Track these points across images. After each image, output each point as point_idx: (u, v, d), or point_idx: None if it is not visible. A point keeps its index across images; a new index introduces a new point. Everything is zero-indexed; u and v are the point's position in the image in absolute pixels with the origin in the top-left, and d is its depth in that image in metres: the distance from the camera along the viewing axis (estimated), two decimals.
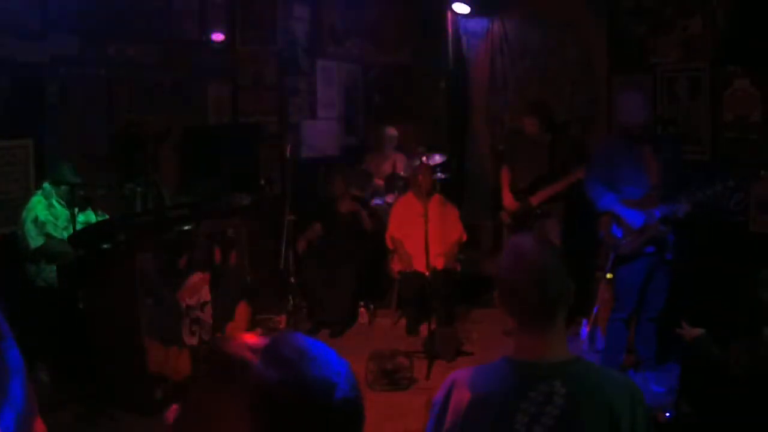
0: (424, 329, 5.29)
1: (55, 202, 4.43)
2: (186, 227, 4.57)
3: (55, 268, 4.34)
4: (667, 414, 3.85)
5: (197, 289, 4.59)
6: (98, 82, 5.20)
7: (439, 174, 5.82)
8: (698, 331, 3.36)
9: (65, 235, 4.36)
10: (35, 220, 4.30)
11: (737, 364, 2.99)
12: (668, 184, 4.24)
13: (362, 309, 5.91)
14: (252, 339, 1.66)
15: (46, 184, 4.44)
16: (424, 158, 5.50)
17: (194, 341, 4.52)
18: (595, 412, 1.57)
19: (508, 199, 5.46)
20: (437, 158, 6.05)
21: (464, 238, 5.88)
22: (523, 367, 1.65)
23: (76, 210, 4.37)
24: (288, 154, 5.28)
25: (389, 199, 6.64)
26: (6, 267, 4.41)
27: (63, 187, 4.39)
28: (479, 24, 7.15)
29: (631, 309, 4.38)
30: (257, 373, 1.26)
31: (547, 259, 1.67)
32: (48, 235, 4.31)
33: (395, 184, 6.73)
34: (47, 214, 4.36)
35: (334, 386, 1.24)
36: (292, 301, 5.34)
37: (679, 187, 4.17)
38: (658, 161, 4.25)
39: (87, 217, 4.65)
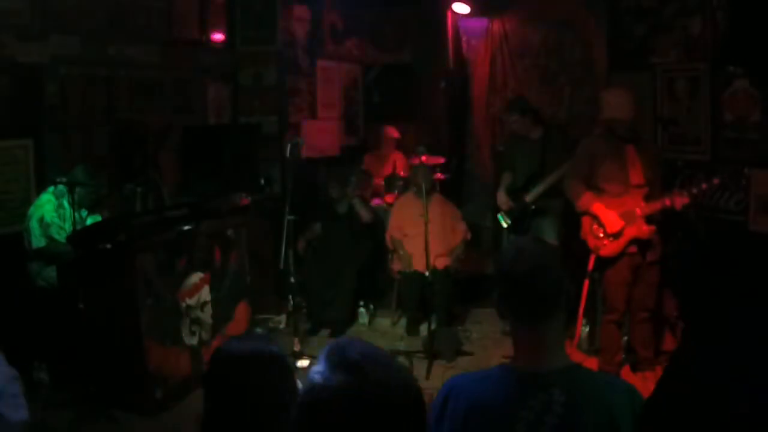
0: (424, 329, 5.29)
1: (65, 203, 4.41)
2: (186, 227, 4.57)
3: (55, 267, 4.34)
4: None
5: (197, 289, 4.59)
6: (98, 82, 5.20)
7: (439, 174, 5.81)
8: None
9: None
10: (41, 220, 4.29)
11: None
12: (653, 183, 4.25)
13: (362, 309, 5.92)
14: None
15: (60, 186, 4.42)
16: (423, 158, 5.50)
17: (194, 341, 4.53)
18: (595, 419, 1.56)
19: (502, 200, 5.45)
20: (437, 158, 6.04)
21: (468, 237, 5.86)
22: (522, 375, 1.63)
23: (85, 212, 4.35)
24: (288, 154, 5.27)
25: (389, 199, 6.64)
26: (6, 267, 4.41)
27: (78, 189, 4.35)
28: (479, 24, 7.15)
29: (621, 310, 4.37)
30: (319, 376, 1.23)
31: (543, 252, 1.68)
32: (50, 238, 4.30)
33: (395, 184, 6.73)
34: (54, 215, 4.35)
35: (400, 392, 1.23)
36: (292, 301, 5.34)
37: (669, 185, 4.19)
38: (643, 159, 4.25)
39: (95, 220, 4.63)
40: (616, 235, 4.21)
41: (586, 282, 4.59)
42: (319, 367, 1.25)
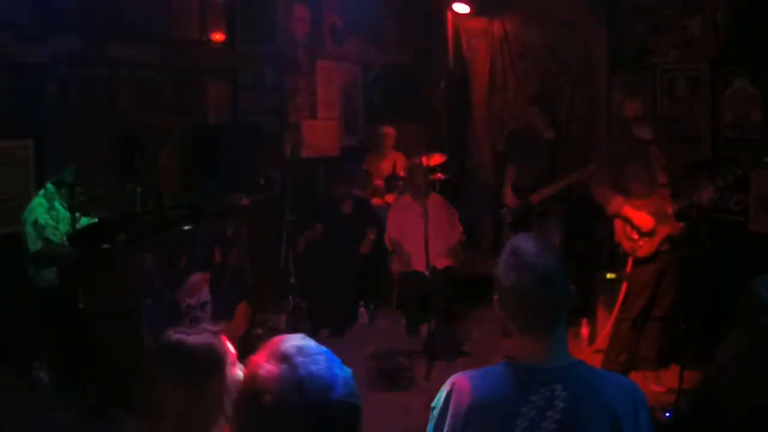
0: (424, 329, 5.29)
1: (57, 205, 4.40)
2: (186, 227, 4.57)
3: (55, 268, 4.33)
4: (667, 414, 3.85)
5: (197, 289, 4.59)
6: (98, 82, 5.20)
7: (439, 174, 5.82)
8: None
9: None
10: (35, 223, 4.28)
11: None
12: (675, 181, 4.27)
13: (362, 309, 5.92)
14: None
15: (49, 185, 4.43)
16: (423, 158, 5.51)
17: None
18: (597, 416, 1.56)
19: (509, 197, 5.46)
20: (437, 158, 6.05)
21: (463, 238, 5.88)
22: (524, 371, 1.63)
23: (78, 214, 4.35)
24: (288, 154, 5.28)
25: (389, 199, 6.64)
26: (6, 267, 4.41)
27: (64, 189, 4.37)
28: (479, 24, 7.15)
29: (639, 308, 4.37)
30: (256, 366, 1.29)
31: (547, 261, 1.64)
32: (46, 240, 4.29)
33: (395, 184, 6.74)
34: (47, 217, 4.33)
35: (331, 386, 1.25)
36: (292, 301, 5.34)
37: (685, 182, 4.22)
38: (665, 159, 4.28)
39: (91, 221, 4.63)
40: (651, 234, 4.23)
41: (625, 284, 4.59)
42: (257, 358, 1.32)
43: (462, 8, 6.93)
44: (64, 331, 4.17)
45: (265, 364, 1.29)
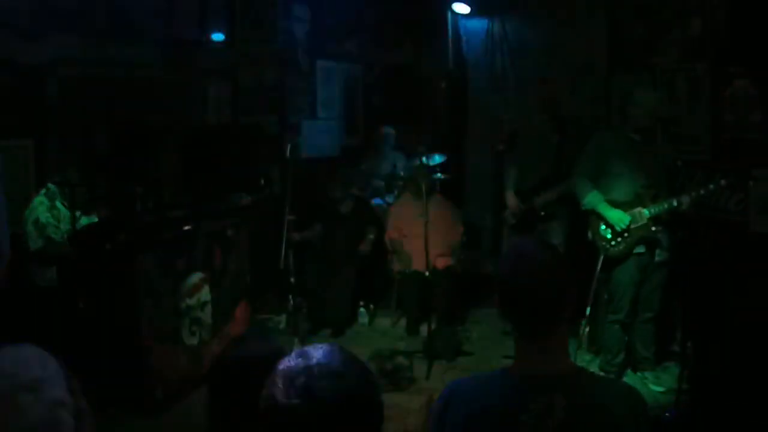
0: (424, 329, 5.29)
1: (58, 204, 4.40)
2: (186, 227, 4.57)
3: (55, 268, 4.33)
4: (667, 414, 3.85)
5: (197, 289, 4.59)
6: (98, 82, 5.20)
7: (439, 174, 5.81)
8: None
9: None
10: (36, 222, 4.28)
11: None
12: (660, 184, 4.25)
13: (362, 309, 5.92)
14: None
15: (50, 185, 4.43)
16: (424, 158, 5.50)
17: (194, 341, 4.53)
18: (597, 423, 1.55)
19: (511, 199, 5.44)
20: (437, 158, 6.05)
21: (463, 238, 5.87)
22: (524, 378, 1.62)
23: (79, 213, 4.36)
24: (288, 154, 5.27)
25: (389, 199, 6.64)
26: (6, 267, 4.40)
27: (67, 189, 4.36)
28: (479, 24, 7.15)
29: (626, 310, 4.36)
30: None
31: (549, 263, 1.63)
32: (48, 239, 4.29)
33: (395, 184, 6.73)
34: (48, 216, 4.33)
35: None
36: (292, 301, 5.34)
37: (672, 187, 4.19)
38: (653, 159, 4.25)
39: (91, 220, 4.64)
40: (623, 234, 4.20)
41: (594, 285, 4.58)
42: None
43: (462, 8, 6.92)
44: (64, 330, 4.17)
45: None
